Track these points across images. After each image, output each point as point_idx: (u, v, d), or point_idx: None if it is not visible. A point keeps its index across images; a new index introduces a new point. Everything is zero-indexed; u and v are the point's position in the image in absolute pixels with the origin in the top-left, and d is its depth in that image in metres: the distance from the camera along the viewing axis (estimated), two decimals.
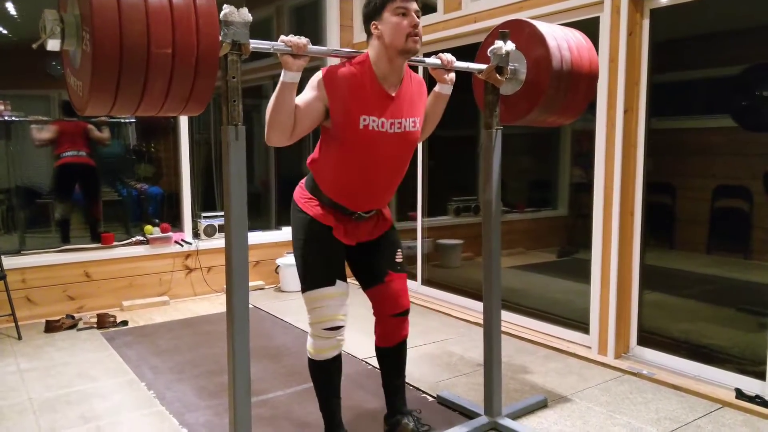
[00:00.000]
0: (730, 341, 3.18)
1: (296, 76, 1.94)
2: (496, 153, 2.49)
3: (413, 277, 4.89)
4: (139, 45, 1.43)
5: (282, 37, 1.89)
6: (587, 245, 3.44)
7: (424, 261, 4.86)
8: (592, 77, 2.46)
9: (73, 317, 4.15)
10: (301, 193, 2.28)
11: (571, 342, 3.56)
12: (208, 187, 5.41)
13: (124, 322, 4.11)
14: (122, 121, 5.24)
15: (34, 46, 1.55)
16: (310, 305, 2.21)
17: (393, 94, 2.12)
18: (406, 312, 2.38)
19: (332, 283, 2.18)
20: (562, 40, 2.35)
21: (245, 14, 1.73)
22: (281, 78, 1.95)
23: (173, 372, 3.24)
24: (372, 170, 2.15)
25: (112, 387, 3.05)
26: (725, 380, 2.93)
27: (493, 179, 2.50)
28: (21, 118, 4.74)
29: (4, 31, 4.63)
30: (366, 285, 2.37)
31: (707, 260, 3.46)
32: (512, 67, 2.40)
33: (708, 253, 3.46)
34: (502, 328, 2.69)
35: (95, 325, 4.04)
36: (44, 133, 4.80)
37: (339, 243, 2.23)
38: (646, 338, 3.32)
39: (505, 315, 3.80)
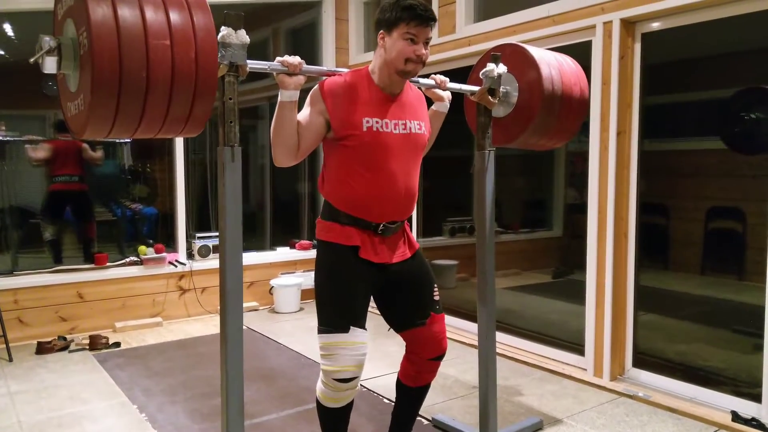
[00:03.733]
0: (725, 363, 3.17)
1: (294, 95, 1.94)
2: (490, 174, 2.50)
3: None
4: (137, 37, 1.41)
5: (278, 57, 1.90)
6: (582, 266, 3.45)
7: None
8: (582, 101, 2.48)
9: (65, 339, 4.11)
10: (320, 227, 2.15)
11: (566, 364, 3.55)
12: (202, 208, 5.41)
13: (117, 344, 4.07)
14: (117, 141, 5.26)
15: (32, 60, 1.52)
16: (322, 350, 2.07)
17: (393, 99, 2.10)
18: (443, 356, 2.28)
19: (345, 330, 2.02)
20: (554, 64, 2.38)
21: (243, 36, 1.75)
22: (279, 98, 1.95)
23: (166, 394, 3.20)
24: (382, 172, 2.05)
25: (104, 410, 3.01)
26: (721, 403, 2.92)
27: (487, 200, 2.51)
28: (15, 138, 4.74)
29: (1, 52, 4.66)
30: (402, 327, 2.22)
31: (701, 281, 3.47)
32: (504, 90, 2.42)
33: (702, 274, 3.47)
34: (497, 350, 2.68)
35: (87, 347, 4.00)
36: (39, 152, 4.80)
37: (364, 280, 2.09)
38: (642, 360, 3.31)
39: (500, 336, 3.78)
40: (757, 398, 2.80)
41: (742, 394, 2.90)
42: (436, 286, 2.27)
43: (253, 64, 1.82)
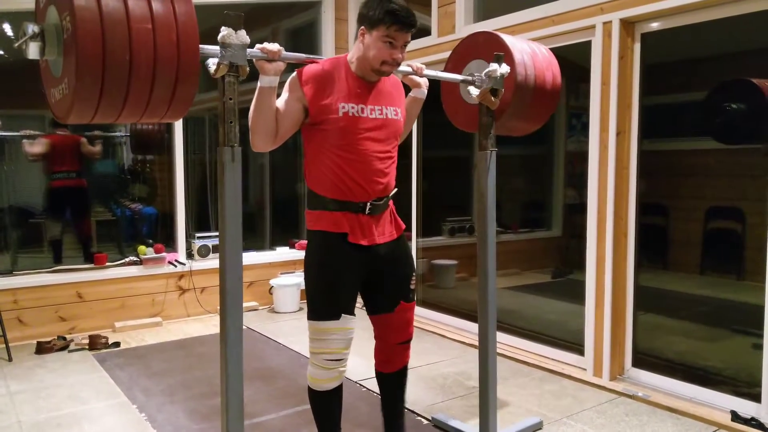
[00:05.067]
0: (725, 363, 3.18)
1: (273, 81, 1.97)
2: (491, 174, 2.50)
3: None
4: (119, 20, 1.44)
5: (257, 45, 1.91)
6: (581, 266, 3.45)
7: (418, 281, 4.84)
8: (554, 86, 2.52)
9: (64, 338, 4.10)
10: (309, 217, 2.21)
11: (566, 364, 3.55)
12: (202, 207, 5.40)
13: (116, 344, 4.07)
14: (117, 140, 5.25)
15: (15, 45, 1.54)
16: (312, 334, 2.17)
17: (371, 86, 2.16)
18: (410, 340, 2.38)
19: (336, 317, 2.12)
20: (526, 51, 2.43)
21: (243, 36, 1.75)
22: (259, 84, 1.97)
23: (165, 394, 3.20)
24: (359, 155, 2.11)
25: (103, 409, 3.01)
26: (721, 402, 2.92)
27: (488, 200, 2.51)
28: (13, 133, 4.72)
29: (0, 52, 4.66)
30: (373, 311, 2.31)
31: (701, 281, 3.47)
32: (479, 77, 2.43)
33: (701, 274, 3.47)
34: (497, 350, 2.68)
35: (87, 347, 4.00)
36: (36, 147, 4.77)
37: (354, 267, 2.16)
38: (641, 360, 3.31)
39: (500, 336, 3.78)
40: (756, 398, 2.80)
41: (742, 393, 2.90)
42: (414, 275, 2.35)
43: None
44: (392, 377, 2.40)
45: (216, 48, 1.71)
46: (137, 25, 1.44)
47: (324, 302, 2.14)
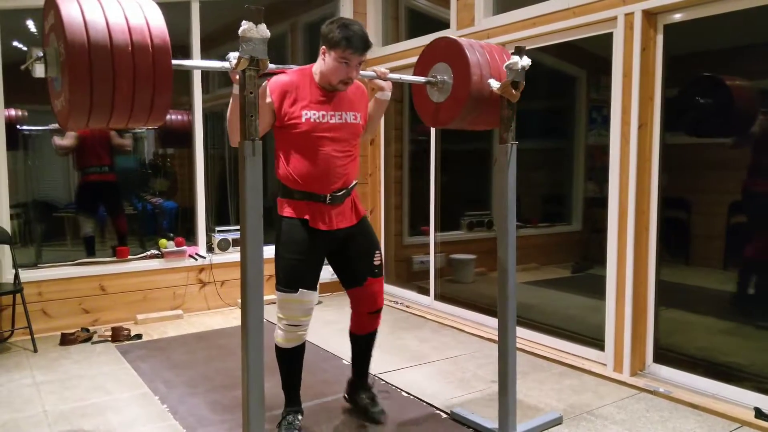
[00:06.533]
0: (748, 359, 3.13)
1: None
2: (512, 167, 2.50)
3: (426, 292, 4.88)
4: (103, 47, 1.66)
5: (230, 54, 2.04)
6: (602, 261, 3.42)
7: (436, 276, 4.84)
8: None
9: (88, 330, 4.17)
10: (279, 204, 2.53)
11: (586, 359, 3.52)
12: (221, 201, 5.45)
13: (138, 336, 4.13)
14: (138, 135, 5.30)
15: (23, 67, 1.79)
16: (277, 302, 2.51)
17: (333, 94, 2.45)
18: (379, 310, 2.71)
19: (295, 291, 2.44)
20: (481, 52, 2.53)
21: (263, 30, 1.76)
22: (233, 91, 2.18)
23: (187, 386, 3.24)
24: (321, 154, 2.42)
25: (126, 400, 3.06)
26: (744, 399, 2.88)
27: (508, 194, 2.50)
28: (42, 127, 4.77)
29: (24, 48, 4.73)
30: (346, 285, 2.68)
31: (724, 276, 3.42)
32: (442, 79, 2.56)
33: (724, 268, 3.43)
34: (517, 345, 2.68)
35: (110, 339, 4.06)
36: (66, 140, 4.81)
37: (315, 248, 2.47)
38: (663, 355, 3.28)
39: (519, 331, 3.75)
40: None
41: (766, 390, 2.86)
42: (378, 252, 2.66)
43: (209, 64, 2.01)
44: (361, 338, 2.76)
45: (190, 61, 2.01)
46: (119, 50, 1.67)
47: (285, 277, 2.47)
